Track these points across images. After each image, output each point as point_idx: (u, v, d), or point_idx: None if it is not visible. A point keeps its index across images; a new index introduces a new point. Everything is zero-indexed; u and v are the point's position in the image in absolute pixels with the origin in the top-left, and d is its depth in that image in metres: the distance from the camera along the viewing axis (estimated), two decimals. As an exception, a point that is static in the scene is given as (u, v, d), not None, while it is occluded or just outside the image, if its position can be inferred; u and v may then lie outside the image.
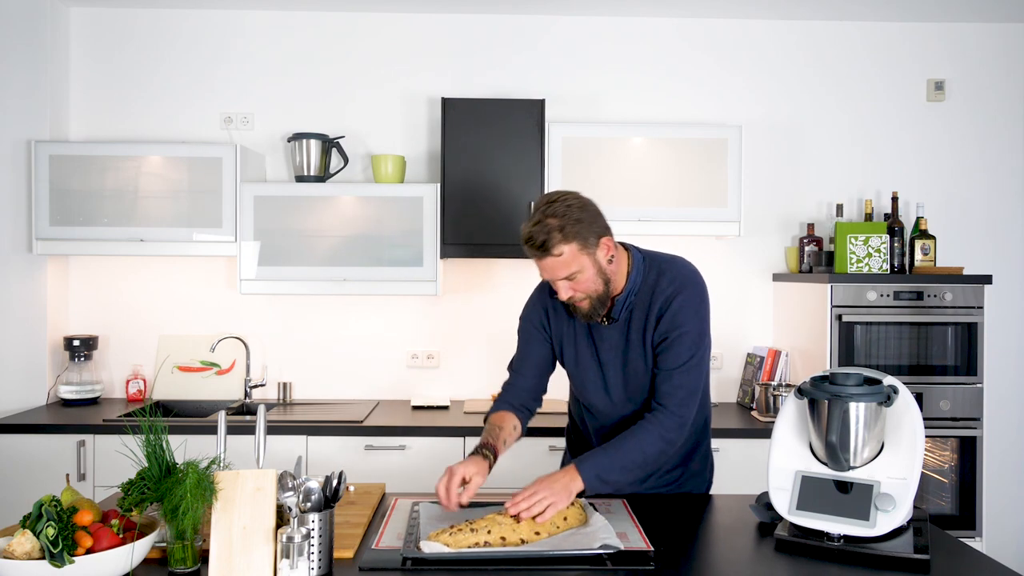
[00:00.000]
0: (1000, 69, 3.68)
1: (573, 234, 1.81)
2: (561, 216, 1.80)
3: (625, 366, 1.98)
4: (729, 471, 3.02)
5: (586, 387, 2.05)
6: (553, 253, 1.80)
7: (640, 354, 1.97)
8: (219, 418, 1.64)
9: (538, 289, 2.12)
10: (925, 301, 3.14)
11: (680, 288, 1.94)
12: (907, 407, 1.71)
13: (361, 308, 3.62)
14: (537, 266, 1.87)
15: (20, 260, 3.35)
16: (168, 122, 3.61)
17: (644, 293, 1.95)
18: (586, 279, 1.85)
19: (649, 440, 1.86)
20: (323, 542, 1.51)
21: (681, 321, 1.92)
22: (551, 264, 1.83)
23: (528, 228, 1.83)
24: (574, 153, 3.29)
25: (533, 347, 2.08)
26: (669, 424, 1.89)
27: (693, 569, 1.57)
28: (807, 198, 3.67)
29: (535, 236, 1.81)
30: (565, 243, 1.80)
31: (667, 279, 1.95)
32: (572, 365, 2.06)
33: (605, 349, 2.00)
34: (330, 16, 3.62)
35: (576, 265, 1.83)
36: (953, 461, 3.19)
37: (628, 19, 3.65)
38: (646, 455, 1.86)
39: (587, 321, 1.96)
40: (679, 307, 1.92)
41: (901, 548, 1.59)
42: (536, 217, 1.82)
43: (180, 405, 3.46)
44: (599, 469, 1.82)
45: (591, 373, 2.03)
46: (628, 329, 1.97)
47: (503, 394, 2.10)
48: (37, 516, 1.41)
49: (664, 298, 1.93)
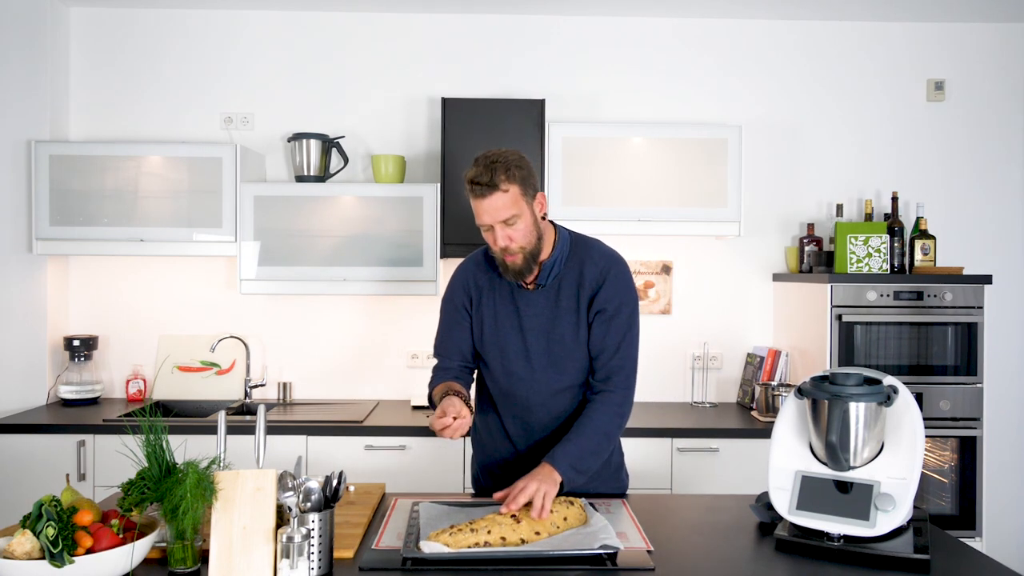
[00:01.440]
0: (1000, 69, 3.68)
1: (517, 177, 1.87)
2: (505, 160, 1.87)
3: (550, 333, 1.99)
4: (729, 471, 3.03)
5: (506, 354, 2.03)
6: (501, 188, 1.84)
7: (570, 323, 1.98)
8: (219, 418, 1.64)
9: (457, 271, 2.13)
10: (925, 301, 3.14)
11: (612, 263, 2.01)
12: (907, 407, 1.71)
13: (361, 308, 3.62)
14: (477, 211, 1.89)
15: (20, 260, 3.36)
16: (168, 122, 3.61)
17: (573, 265, 2.00)
18: (523, 227, 1.89)
19: (606, 419, 1.93)
20: (323, 542, 1.51)
21: (620, 293, 1.97)
22: (495, 203, 1.85)
23: (474, 169, 1.87)
24: (574, 153, 3.29)
25: (455, 328, 2.09)
26: (618, 399, 1.95)
27: (693, 569, 1.57)
28: (807, 198, 3.67)
29: (482, 173, 1.85)
30: (510, 182, 1.85)
31: (596, 253, 2.02)
32: (492, 334, 2.04)
33: (530, 316, 2.00)
34: (330, 16, 3.62)
35: (516, 208, 1.87)
36: (953, 461, 3.19)
37: (628, 19, 3.65)
38: (609, 434, 1.93)
39: (516, 279, 1.97)
40: (616, 278, 1.98)
41: (901, 548, 1.59)
42: (481, 161, 1.87)
43: (180, 405, 3.46)
44: (571, 459, 1.85)
45: (512, 339, 2.02)
46: (558, 297, 1.99)
47: (438, 376, 2.09)
48: (37, 516, 1.41)
49: (598, 270, 1.99)
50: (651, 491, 2.97)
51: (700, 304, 3.67)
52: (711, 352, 3.64)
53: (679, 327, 3.66)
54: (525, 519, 1.68)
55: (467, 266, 2.12)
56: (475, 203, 1.89)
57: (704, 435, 3.05)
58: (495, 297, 2.04)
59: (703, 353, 3.63)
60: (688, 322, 3.66)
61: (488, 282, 2.05)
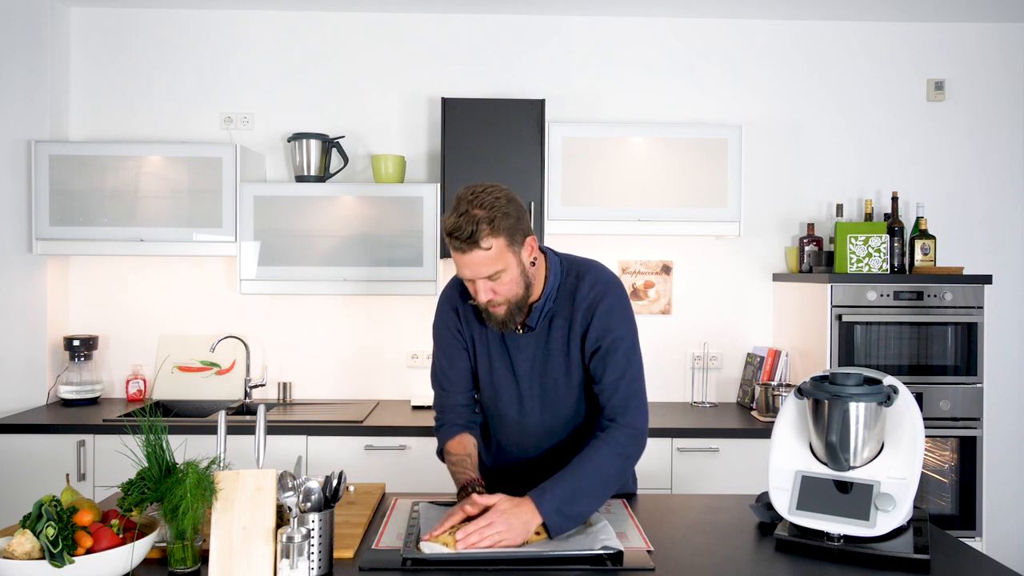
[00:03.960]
0: (1000, 69, 3.68)
1: (502, 228, 1.66)
2: (489, 208, 1.65)
3: (543, 377, 1.87)
4: (729, 471, 3.03)
5: (500, 398, 1.92)
6: (482, 246, 1.65)
7: (560, 365, 1.85)
8: (219, 418, 1.64)
9: (445, 295, 1.97)
10: (925, 301, 3.14)
11: (604, 292, 1.82)
12: (907, 407, 1.71)
13: (361, 308, 3.62)
14: (457, 263, 1.70)
15: (20, 260, 3.35)
16: (168, 122, 3.61)
17: (563, 300, 1.83)
18: (509, 280, 1.71)
19: (606, 460, 1.73)
20: (323, 542, 1.51)
21: (613, 326, 1.80)
22: (476, 259, 1.67)
23: (453, 219, 1.66)
24: (574, 153, 3.29)
25: (456, 361, 1.93)
26: (623, 440, 1.76)
27: (693, 569, 1.57)
28: (807, 198, 3.67)
29: (462, 227, 1.64)
30: (493, 236, 1.65)
31: (587, 283, 1.83)
32: (486, 375, 1.92)
33: (521, 360, 1.87)
34: (330, 16, 3.62)
35: (501, 263, 1.68)
36: (953, 461, 3.19)
37: (628, 19, 3.65)
38: (606, 476, 1.72)
39: (500, 330, 1.81)
40: (607, 311, 1.81)
41: (901, 548, 1.59)
42: (462, 208, 1.66)
43: (180, 405, 3.46)
44: (559, 502, 1.65)
45: (505, 384, 1.89)
46: (548, 339, 1.84)
47: (445, 415, 1.96)
48: (37, 516, 1.41)
49: (588, 304, 1.81)
50: (651, 491, 2.97)
51: (700, 304, 3.67)
52: (711, 352, 3.64)
53: (679, 327, 3.65)
54: None
55: (453, 295, 1.94)
56: (454, 255, 1.69)
57: (704, 435, 3.06)
58: (487, 337, 1.89)
59: (703, 353, 3.63)
60: (688, 322, 3.66)
61: (476, 318, 1.89)
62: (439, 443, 1.98)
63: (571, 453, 1.85)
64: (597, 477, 1.71)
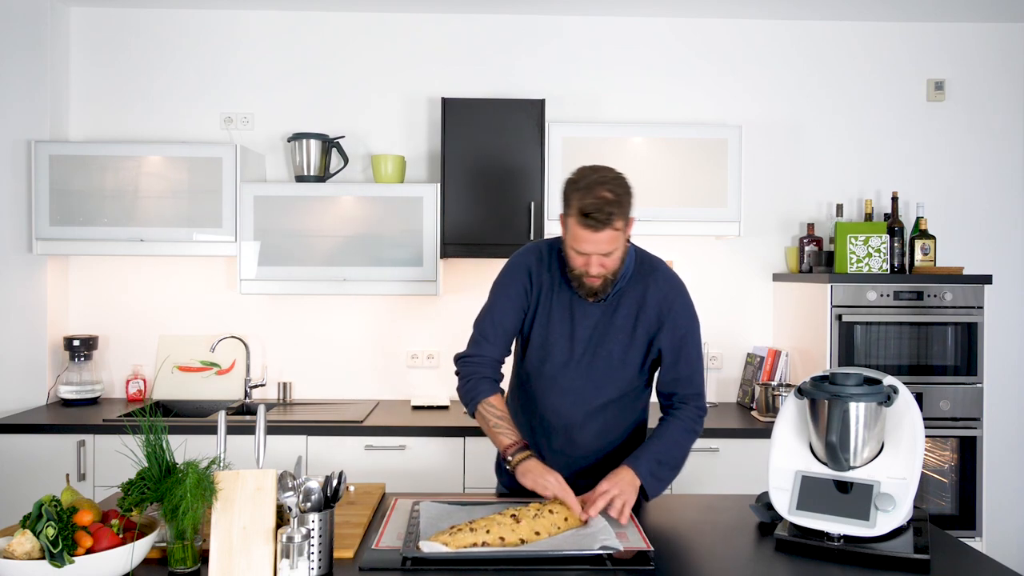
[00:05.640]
0: (1000, 69, 3.68)
1: (627, 212, 1.83)
2: (619, 196, 1.81)
3: (598, 347, 1.97)
4: (729, 471, 3.03)
5: (550, 358, 1.99)
6: (615, 227, 1.80)
7: (623, 341, 1.97)
8: (219, 418, 1.64)
9: (520, 257, 2.05)
10: (925, 301, 3.14)
11: (678, 290, 2.01)
12: (907, 407, 1.71)
13: (361, 308, 3.62)
14: (580, 238, 1.82)
15: (20, 260, 3.35)
16: (168, 122, 3.61)
17: (637, 283, 1.97)
18: (617, 257, 1.87)
19: (687, 436, 2.00)
20: (323, 542, 1.51)
21: (688, 322, 2.00)
22: (603, 238, 1.80)
23: (589, 201, 1.79)
24: (574, 153, 3.28)
25: (508, 314, 2.02)
26: (695, 417, 2.03)
27: (693, 569, 1.57)
28: (807, 198, 3.67)
29: (600, 208, 1.77)
30: (621, 219, 1.81)
31: (662, 277, 2.00)
32: (540, 336, 2.00)
33: (583, 327, 1.97)
34: (330, 16, 3.62)
35: (619, 242, 1.84)
36: (953, 461, 3.19)
37: (628, 20, 3.65)
38: (685, 450, 1.99)
39: (588, 298, 1.94)
40: (683, 308, 2.00)
41: (901, 548, 1.59)
42: (595, 190, 1.79)
43: (180, 405, 3.46)
44: (652, 466, 1.89)
45: (559, 346, 1.98)
46: (615, 313, 1.96)
47: (476, 367, 2.02)
48: (37, 516, 1.41)
49: (662, 295, 1.97)
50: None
51: (700, 304, 3.57)
52: (711, 352, 3.64)
53: (679, 327, 3.65)
54: (525, 519, 1.68)
55: (529, 259, 2.03)
56: (580, 231, 1.81)
57: (704, 435, 3.02)
58: (552, 300, 1.99)
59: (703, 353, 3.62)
60: (688, 322, 3.65)
61: (549, 282, 2.00)
62: (470, 392, 2.01)
63: (590, 424, 2.03)
64: (680, 450, 1.98)
